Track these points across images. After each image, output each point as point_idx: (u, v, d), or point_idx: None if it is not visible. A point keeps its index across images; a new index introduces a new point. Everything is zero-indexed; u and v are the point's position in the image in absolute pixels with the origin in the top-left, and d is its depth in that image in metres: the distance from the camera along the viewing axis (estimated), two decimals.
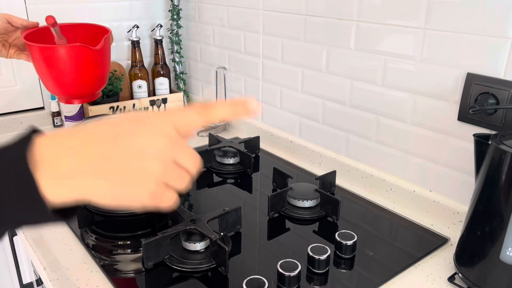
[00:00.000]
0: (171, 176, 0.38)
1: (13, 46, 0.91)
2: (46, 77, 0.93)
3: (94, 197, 0.37)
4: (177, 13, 1.54)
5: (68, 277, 0.75)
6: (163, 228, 0.85)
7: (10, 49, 0.90)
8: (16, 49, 0.91)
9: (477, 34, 0.79)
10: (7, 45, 0.89)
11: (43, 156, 0.35)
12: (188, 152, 0.39)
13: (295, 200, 0.95)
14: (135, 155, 0.36)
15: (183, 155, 0.39)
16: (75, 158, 0.35)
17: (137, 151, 0.36)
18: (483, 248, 0.69)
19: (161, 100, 1.54)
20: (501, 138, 0.67)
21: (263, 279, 0.69)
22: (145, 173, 0.36)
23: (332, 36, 1.05)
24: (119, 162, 0.36)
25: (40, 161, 0.34)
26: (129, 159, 0.36)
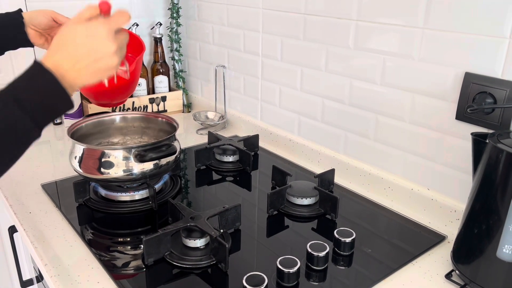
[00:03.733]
0: (121, 55, 0.63)
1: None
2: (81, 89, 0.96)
3: (80, 80, 0.59)
4: (176, 11, 1.54)
5: (69, 273, 0.75)
6: (163, 225, 0.86)
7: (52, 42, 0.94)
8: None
9: (475, 33, 0.79)
10: (49, 38, 0.93)
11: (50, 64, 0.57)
12: (125, 35, 0.65)
13: (294, 197, 0.96)
14: (102, 58, 0.60)
15: (124, 39, 0.65)
16: (71, 67, 0.59)
17: (103, 56, 0.60)
18: (480, 245, 0.69)
19: (160, 98, 1.54)
20: (499, 137, 0.68)
21: (263, 276, 0.70)
22: (110, 64, 0.61)
23: (331, 35, 1.06)
24: (89, 58, 0.59)
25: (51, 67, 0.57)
26: (100, 61, 0.60)
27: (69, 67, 0.58)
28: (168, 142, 0.95)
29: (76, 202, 0.96)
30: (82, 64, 0.59)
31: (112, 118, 1.09)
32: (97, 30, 0.60)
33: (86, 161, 0.92)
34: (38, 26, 0.90)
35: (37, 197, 0.99)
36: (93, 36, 0.59)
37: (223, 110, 1.48)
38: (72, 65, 0.58)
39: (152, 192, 0.94)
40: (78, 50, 0.59)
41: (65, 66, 0.58)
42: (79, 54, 0.59)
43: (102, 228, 0.89)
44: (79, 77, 0.59)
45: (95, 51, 0.59)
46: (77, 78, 0.59)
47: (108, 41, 0.60)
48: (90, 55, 0.59)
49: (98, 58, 0.59)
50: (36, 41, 0.92)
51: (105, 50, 0.60)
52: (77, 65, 0.58)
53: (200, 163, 1.16)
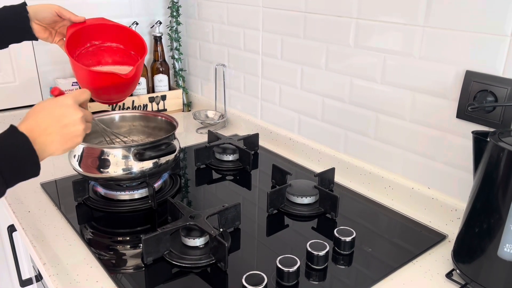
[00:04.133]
0: (86, 127, 0.70)
1: (59, 34, 0.96)
2: (81, 84, 0.97)
3: (51, 146, 0.65)
4: (176, 10, 1.54)
5: (67, 272, 0.75)
6: (162, 224, 0.86)
7: (56, 36, 0.95)
8: (61, 36, 0.96)
9: (476, 31, 0.79)
10: (53, 32, 0.95)
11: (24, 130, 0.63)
12: (88, 112, 0.72)
13: (294, 196, 0.96)
14: (69, 124, 0.67)
15: (87, 115, 0.71)
16: (41, 134, 0.64)
17: (70, 122, 0.67)
18: (480, 245, 0.69)
19: (160, 97, 1.54)
20: (500, 135, 0.68)
21: (262, 275, 0.69)
22: (77, 132, 0.68)
23: (331, 33, 1.05)
24: (58, 123, 0.66)
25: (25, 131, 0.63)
26: (67, 127, 0.67)
27: (41, 131, 0.64)
28: (168, 141, 0.94)
29: (75, 201, 0.96)
30: (52, 129, 0.65)
31: (112, 117, 1.09)
32: (64, 101, 0.68)
33: (85, 160, 0.91)
34: (42, 21, 0.91)
35: (36, 196, 0.99)
36: (61, 106, 0.67)
37: (223, 109, 1.48)
38: (43, 130, 0.64)
39: (151, 191, 0.94)
40: (48, 117, 0.65)
41: (36, 130, 0.63)
42: (49, 120, 0.65)
43: (102, 227, 0.89)
44: (49, 141, 0.65)
45: (63, 116, 0.66)
46: (48, 143, 0.64)
47: (74, 109, 0.67)
48: (59, 121, 0.66)
49: (65, 123, 0.66)
50: (40, 35, 0.93)
51: (71, 116, 0.67)
52: (47, 130, 0.64)
53: (200, 162, 1.16)
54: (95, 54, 1.01)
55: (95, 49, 1.00)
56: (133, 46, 1.02)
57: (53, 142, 0.65)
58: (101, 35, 1.00)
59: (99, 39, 1.00)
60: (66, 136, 0.67)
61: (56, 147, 0.66)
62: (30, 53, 1.39)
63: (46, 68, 1.44)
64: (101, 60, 1.02)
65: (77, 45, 0.98)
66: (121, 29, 1.01)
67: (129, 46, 1.02)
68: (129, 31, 1.01)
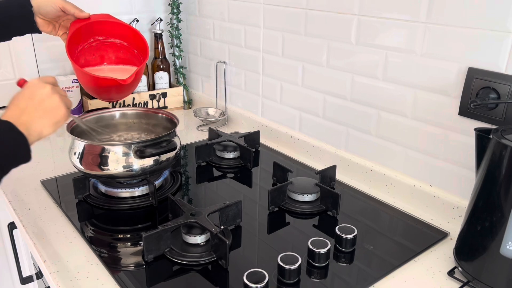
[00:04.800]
0: (63, 99, 0.72)
1: (62, 27, 0.96)
2: (81, 83, 0.98)
3: (36, 124, 0.67)
4: (177, 6, 1.53)
5: (68, 270, 0.75)
6: (163, 221, 0.85)
7: (59, 30, 0.96)
8: (64, 30, 0.96)
9: (479, 28, 0.78)
10: (57, 25, 0.95)
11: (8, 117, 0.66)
12: (58, 87, 0.73)
13: (295, 194, 0.95)
14: (43, 99, 0.69)
15: (59, 89, 0.73)
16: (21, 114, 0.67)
17: (43, 96, 0.69)
18: (483, 242, 0.69)
19: (160, 94, 1.53)
20: (502, 132, 0.67)
21: (264, 272, 0.69)
22: (54, 103, 0.70)
23: (333, 30, 1.05)
24: (32, 101, 0.68)
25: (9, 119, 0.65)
26: (42, 102, 0.69)
27: (19, 113, 0.66)
28: (168, 138, 0.94)
29: (76, 198, 0.96)
30: (30, 108, 0.67)
31: (112, 114, 1.08)
32: (30, 83, 0.71)
33: (86, 157, 0.91)
34: (46, 16, 0.91)
35: (36, 194, 0.99)
36: (28, 87, 0.70)
37: (223, 107, 1.48)
38: (21, 111, 0.67)
39: (152, 188, 0.94)
40: (21, 100, 0.68)
41: (15, 113, 0.66)
42: (24, 101, 0.68)
43: (102, 225, 0.88)
44: (31, 119, 0.67)
45: (33, 94, 0.69)
46: (31, 121, 0.67)
47: (40, 85, 0.70)
48: (32, 99, 0.68)
49: (39, 99, 0.68)
50: (44, 29, 0.93)
51: (41, 91, 0.69)
52: (26, 110, 0.67)
53: (200, 159, 1.15)
54: (98, 48, 1.01)
55: (99, 44, 1.00)
56: (136, 46, 1.02)
57: (34, 118, 0.67)
58: (105, 31, 1.00)
59: (103, 35, 1.00)
60: (46, 110, 0.68)
61: (41, 124, 0.68)
62: (30, 50, 1.39)
63: (46, 65, 1.43)
64: (104, 56, 1.02)
65: (80, 40, 0.98)
66: (125, 28, 1.00)
67: (133, 44, 1.02)
68: (134, 31, 1.01)
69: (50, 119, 0.69)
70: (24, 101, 0.68)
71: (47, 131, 0.68)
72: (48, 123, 0.68)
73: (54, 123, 0.69)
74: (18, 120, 0.65)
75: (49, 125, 0.68)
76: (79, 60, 1.00)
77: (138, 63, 1.02)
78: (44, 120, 0.68)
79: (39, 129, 0.67)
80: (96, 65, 1.02)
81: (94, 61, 1.02)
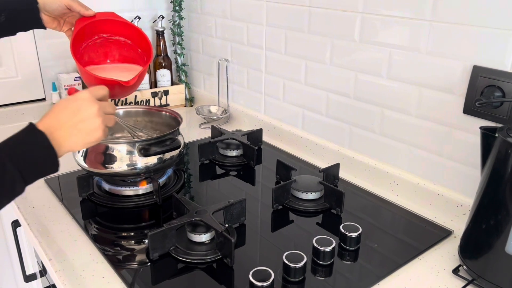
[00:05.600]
0: (106, 120, 0.69)
1: (67, 23, 0.96)
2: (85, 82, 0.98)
3: (69, 141, 0.65)
4: (179, 4, 1.53)
5: (74, 268, 0.75)
6: (167, 219, 0.85)
7: (64, 26, 0.96)
8: (69, 26, 0.96)
9: (484, 26, 0.78)
10: (62, 21, 0.95)
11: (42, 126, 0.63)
12: (108, 104, 0.71)
13: (299, 192, 0.96)
14: (86, 118, 0.66)
15: (106, 106, 0.70)
16: (58, 128, 0.64)
17: (87, 116, 0.66)
18: (488, 241, 0.69)
19: (162, 92, 1.53)
20: (508, 131, 0.67)
21: (269, 271, 0.69)
22: (95, 125, 0.67)
23: (336, 27, 1.05)
24: (74, 118, 0.65)
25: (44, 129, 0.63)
26: (84, 121, 0.66)
27: (57, 127, 0.64)
28: (172, 136, 0.94)
29: (79, 196, 0.96)
30: (69, 124, 0.65)
31: (116, 112, 1.08)
32: (80, 95, 0.68)
33: (90, 155, 0.91)
34: (51, 13, 0.91)
35: (40, 192, 0.99)
36: (76, 99, 0.67)
37: (226, 104, 1.47)
38: (59, 125, 0.64)
39: (156, 186, 0.94)
40: (64, 112, 0.65)
41: (53, 126, 0.64)
42: (65, 115, 0.65)
43: (106, 223, 0.89)
44: (67, 136, 0.64)
45: (78, 110, 0.66)
46: (65, 138, 0.64)
47: (89, 102, 0.67)
48: (75, 115, 0.65)
49: (82, 118, 0.66)
50: (49, 25, 0.93)
51: (87, 110, 0.66)
52: (64, 125, 0.64)
53: (203, 157, 1.15)
54: (102, 45, 1.01)
55: (103, 41, 1.00)
56: (140, 46, 1.02)
57: (70, 136, 0.65)
58: (110, 30, 1.00)
59: (107, 32, 1.00)
60: (83, 130, 0.66)
61: (74, 142, 0.66)
62: (32, 48, 1.39)
63: (49, 63, 1.43)
64: (108, 53, 1.02)
65: (84, 38, 0.98)
66: (130, 28, 1.00)
67: (137, 44, 1.02)
68: (138, 31, 1.01)
69: (85, 140, 0.67)
70: (66, 115, 0.65)
71: (76, 149, 0.67)
72: (81, 142, 0.67)
73: (86, 144, 0.68)
74: (54, 133, 0.63)
75: (81, 144, 0.67)
76: (83, 57, 1.00)
77: (141, 62, 1.02)
78: (78, 139, 0.66)
79: (70, 146, 0.66)
80: (99, 62, 1.02)
81: (98, 58, 1.02)
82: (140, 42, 1.02)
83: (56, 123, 0.64)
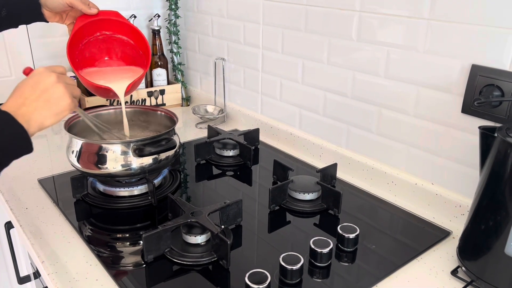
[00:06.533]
0: (69, 88, 0.69)
1: (70, 17, 0.95)
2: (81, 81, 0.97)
3: (36, 115, 0.64)
4: (175, 3, 1.51)
5: (67, 270, 0.74)
6: (162, 220, 0.84)
7: (67, 19, 0.95)
8: (72, 20, 0.95)
9: (482, 25, 0.77)
10: (64, 15, 0.94)
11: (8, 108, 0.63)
12: (67, 76, 0.71)
13: (296, 192, 0.95)
14: (47, 88, 0.66)
15: (65, 77, 0.70)
16: (21, 104, 0.64)
17: (47, 86, 0.66)
18: (487, 242, 0.68)
19: (158, 91, 1.52)
20: (507, 130, 0.67)
21: (266, 273, 0.68)
22: (58, 93, 0.67)
23: (333, 26, 1.04)
24: (35, 91, 0.65)
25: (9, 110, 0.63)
26: (46, 91, 0.66)
27: (21, 103, 0.63)
28: (168, 136, 0.93)
29: (73, 197, 0.94)
30: (32, 98, 0.64)
31: (110, 112, 1.07)
32: (36, 70, 0.68)
33: (84, 155, 0.90)
34: (53, 10, 0.91)
35: (34, 193, 0.98)
36: (33, 75, 0.67)
37: (222, 104, 1.46)
38: (23, 101, 0.64)
39: (151, 187, 0.92)
40: (25, 88, 0.65)
41: (17, 103, 0.63)
42: (26, 91, 0.65)
43: (101, 224, 0.87)
44: (32, 110, 0.64)
45: (37, 83, 0.66)
46: (32, 112, 0.64)
47: (47, 73, 0.67)
48: (35, 88, 0.65)
49: (43, 88, 0.65)
50: (51, 20, 0.93)
51: (46, 80, 0.66)
52: (27, 99, 0.64)
53: (200, 157, 1.14)
54: (104, 41, 1.00)
55: (105, 38, 1.00)
56: (140, 49, 1.02)
57: (36, 109, 0.64)
58: (112, 28, 0.99)
59: (110, 30, 0.99)
60: (48, 100, 0.65)
61: (43, 115, 0.65)
62: (26, 47, 1.37)
63: (43, 62, 1.42)
64: (111, 49, 1.01)
65: (85, 34, 0.97)
66: (133, 30, 1.00)
67: (138, 45, 1.02)
68: (140, 36, 1.00)
69: (52, 110, 0.66)
70: (27, 90, 0.65)
71: (48, 122, 0.66)
72: (49, 113, 0.65)
73: (56, 114, 0.66)
74: (18, 110, 0.62)
75: (50, 115, 0.66)
76: (84, 52, 0.99)
77: (142, 64, 1.01)
78: (46, 110, 0.65)
79: (40, 120, 0.65)
80: (101, 57, 1.01)
81: (100, 53, 1.01)
82: (140, 45, 1.02)
83: (19, 100, 0.63)
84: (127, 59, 1.03)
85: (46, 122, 0.66)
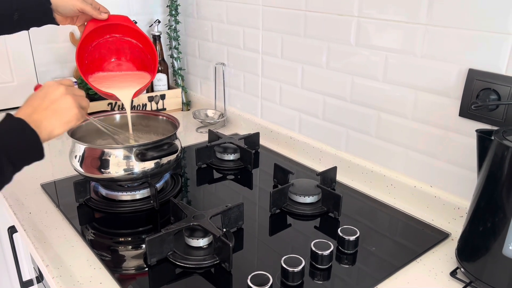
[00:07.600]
0: (77, 99, 0.73)
1: (80, 19, 0.97)
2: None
3: (47, 123, 0.68)
4: (175, 8, 1.53)
5: (71, 274, 0.74)
6: (165, 224, 0.85)
7: (77, 21, 0.97)
8: (82, 21, 0.97)
9: (479, 29, 0.79)
10: (75, 18, 0.96)
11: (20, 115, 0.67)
12: (75, 88, 0.75)
13: (296, 196, 0.96)
14: (56, 99, 0.70)
15: (73, 89, 0.74)
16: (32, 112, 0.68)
17: (56, 97, 0.71)
18: (485, 243, 0.69)
19: (159, 96, 1.53)
20: (504, 133, 0.68)
21: (268, 275, 0.69)
22: (66, 104, 0.71)
23: (332, 31, 1.05)
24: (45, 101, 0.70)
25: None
26: (55, 102, 0.70)
27: (32, 111, 0.68)
28: (170, 141, 0.94)
29: (76, 202, 0.95)
30: (42, 107, 0.69)
31: (113, 117, 1.08)
32: (46, 84, 0.73)
33: (86, 160, 0.91)
34: (64, 15, 0.92)
35: (36, 197, 0.98)
36: (42, 88, 0.72)
37: (222, 108, 1.47)
38: (33, 110, 0.68)
39: (153, 191, 0.93)
40: (35, 99, 0.70)
41: (28, 111, 0.68)
42: (36, 101, 0.70)
43: (103, 228, 0.88)
44: (43, 118, 0.68)
45: (46, 94, 0.71)
46: (42, 120, 0.68)
47: (55, 86, 0.72)
48: (45, 99, 0.70)
49: (52, 100, 0.70)
50: (62, 23, 0.95)
51: (55, 92, 0.71)
52: (37, 109, 0.69)
53: (201, 161, 1.15)
54: (114, 43, 1.01)
55: (115, 40, 1.01)
56: (148, 50, 1.03)
57: (46, 118, 0.68)
58: (122, 33, 1.01)
59: (120, 33, 1.01)
60: (57, 111, 0.70)
61: (52, 124, 0.69)
62: (28, 53, 1.38)
63: (45, 68, 1.43)
64: (120, 50, 1.02)
65: (95, 37, 0.99)
66: (142, 37, 1.01)
67: (146, 50, 1.03)
68: (148, 42, 1.01)
69: (61, 119, 0.70)
70: (37, 101, 0.69)
71: (57, 131, 0.70)
72: (58, 123, 0.70)
73: (65, 123, 0.71)
74: (30, 118, 0.66)
75: (59, 125, 0.70)
76: (94, 54, 1.00)
77: (149, 68, 1.03)
78: (55, 120, 0.69)
79: (50, 128, 0.68)
80: (111, 58, 1.03)
81: (110, 54, 1.02)
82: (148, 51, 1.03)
83: (29, 109, 0.68)
84: (136, 61, 1.04)
85: (55, 131, 0.69)
